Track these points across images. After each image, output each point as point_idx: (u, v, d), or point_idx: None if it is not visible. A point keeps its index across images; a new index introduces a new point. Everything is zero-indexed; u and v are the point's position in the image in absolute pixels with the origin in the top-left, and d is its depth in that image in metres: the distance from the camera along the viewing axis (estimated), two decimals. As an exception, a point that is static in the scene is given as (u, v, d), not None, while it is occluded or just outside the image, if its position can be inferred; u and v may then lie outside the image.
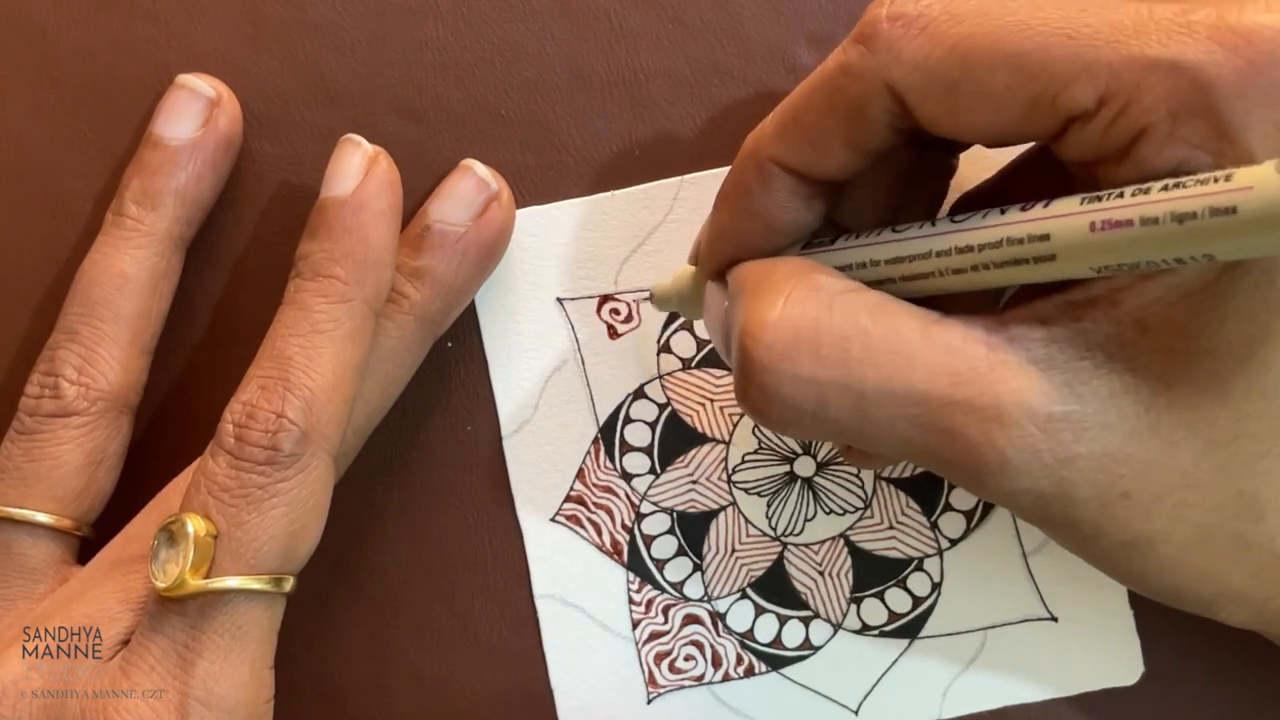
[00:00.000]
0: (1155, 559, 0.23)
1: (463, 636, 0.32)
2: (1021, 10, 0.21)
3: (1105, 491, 0.22)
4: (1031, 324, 0.22)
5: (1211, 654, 0.31)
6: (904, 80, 0.22)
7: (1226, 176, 0.18)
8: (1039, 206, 0.21)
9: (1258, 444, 0.22)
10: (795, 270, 0.23)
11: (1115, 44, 0.20)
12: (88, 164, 0.32)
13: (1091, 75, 0.20)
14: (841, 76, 0.22)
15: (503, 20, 0.31)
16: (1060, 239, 0.20)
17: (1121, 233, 0.19)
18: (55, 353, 0.29)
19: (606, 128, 0.31)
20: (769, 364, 0.22)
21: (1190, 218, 0.18)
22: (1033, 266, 0.21)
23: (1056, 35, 0.20)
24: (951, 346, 0.21)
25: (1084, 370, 0.21)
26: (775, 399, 0.22)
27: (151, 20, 0.31)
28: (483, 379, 0.32)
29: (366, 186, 0.28)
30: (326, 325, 0.27)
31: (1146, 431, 0.21)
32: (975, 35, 0.21)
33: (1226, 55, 0.19)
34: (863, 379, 0.22)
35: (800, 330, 0.22)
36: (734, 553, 0.31)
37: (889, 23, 0.22)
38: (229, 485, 0.26)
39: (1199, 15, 0.19)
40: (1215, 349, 0.21)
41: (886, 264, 0.23)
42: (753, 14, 0.31)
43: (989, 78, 0.21)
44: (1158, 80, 0.19)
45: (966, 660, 0.31)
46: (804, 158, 0.24)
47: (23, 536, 0.28)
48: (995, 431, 0.21)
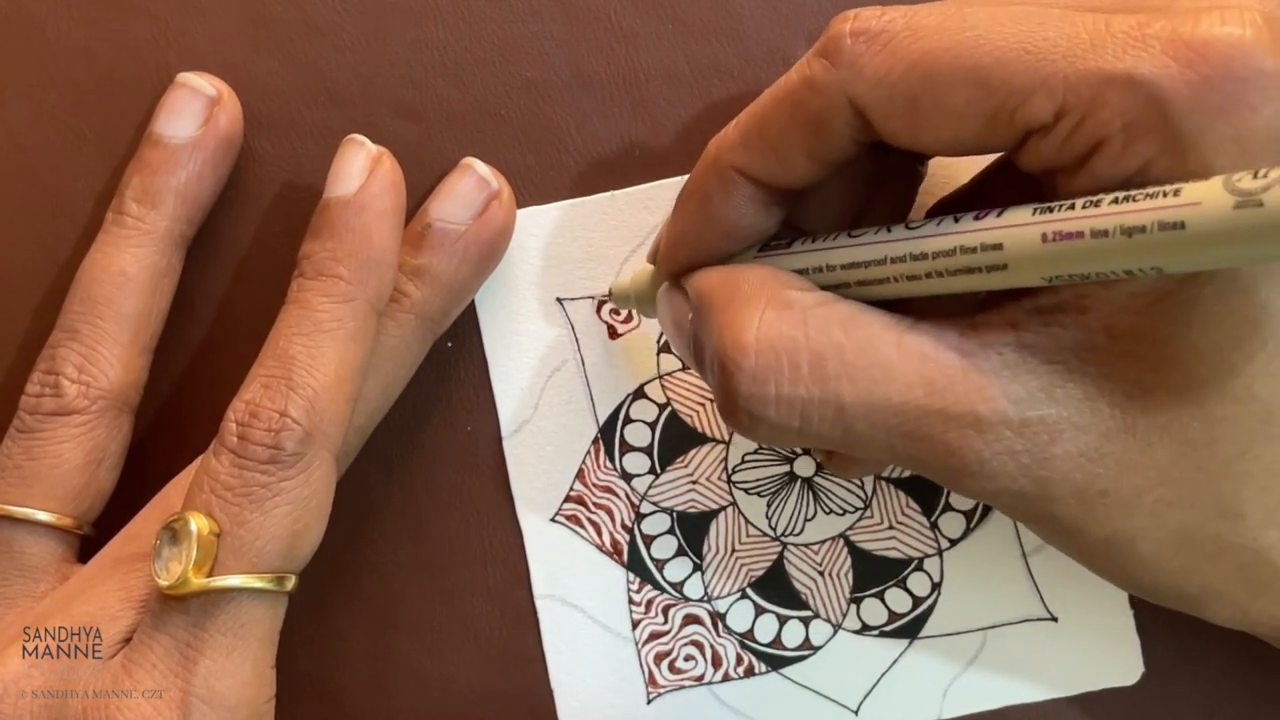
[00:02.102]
0: (1136, 555, 0.23)
1: (463, 636, 0.32)
2: (981, 25, 0.21)
3: (1084, 489, 0.22)
4: (1003, 329, 0.22)
5: (1211, 654, 0.31)
6: (866, 95, 0.22)
7: (1175, 191, 0.18)
8: (992, 216, 0.21)
9: (1234, 446, 0.22)
10: (762, 284, 0.24)
11: (1071, 58, 0.20)
12: (88, 164, 0.32)
13: (1048, 89, 0.20)
14: (804, 90, 0.23)
15: (503, 20, 0.31)
16: (1012, 249, 0.20)
17: (1072, 244, 0.19)
18: (56, 351, 0.29)
19: (606, 128, 0.31)
20: (750, 388, 0.23)
21: (1139, 231, 0.18)
22: (985, 275, 0.21)
23: (1015, 50, 0.20)
24: (925, 355, 0.22)
25: (1056, 374, 0.21)
26: (760, 419, 0.23)
27: (151, 20, 0.31)
28: (483, 379, 0.32)
29: (370, 187, 0.28)
30: (329, 325, 0.27)
31: (1122, 432, 0.22)
32: (936, 51, 0.21)
33: (1181, 69, 0.19)
34: (841, 394, 0.22)
35: (777, 350, 0.22)
36: (734, 553, 0.31)
37: (852, 38, 0.22)
38: (232, 484, 0.26)
39: (1154, 28, 0.19)
40: (1185, 355, 0.21)
41: (842, 269, 0.24)
42: (753, 14, 0.31)
43: (949, 93, 0.21)
44: (1113, 94, 0.19)
45: (966, 660, 0.31)
46: (766, 167, 0.24)
47: (23, 535, 0.28)
48: (972, 437, 0.22)
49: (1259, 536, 0.23)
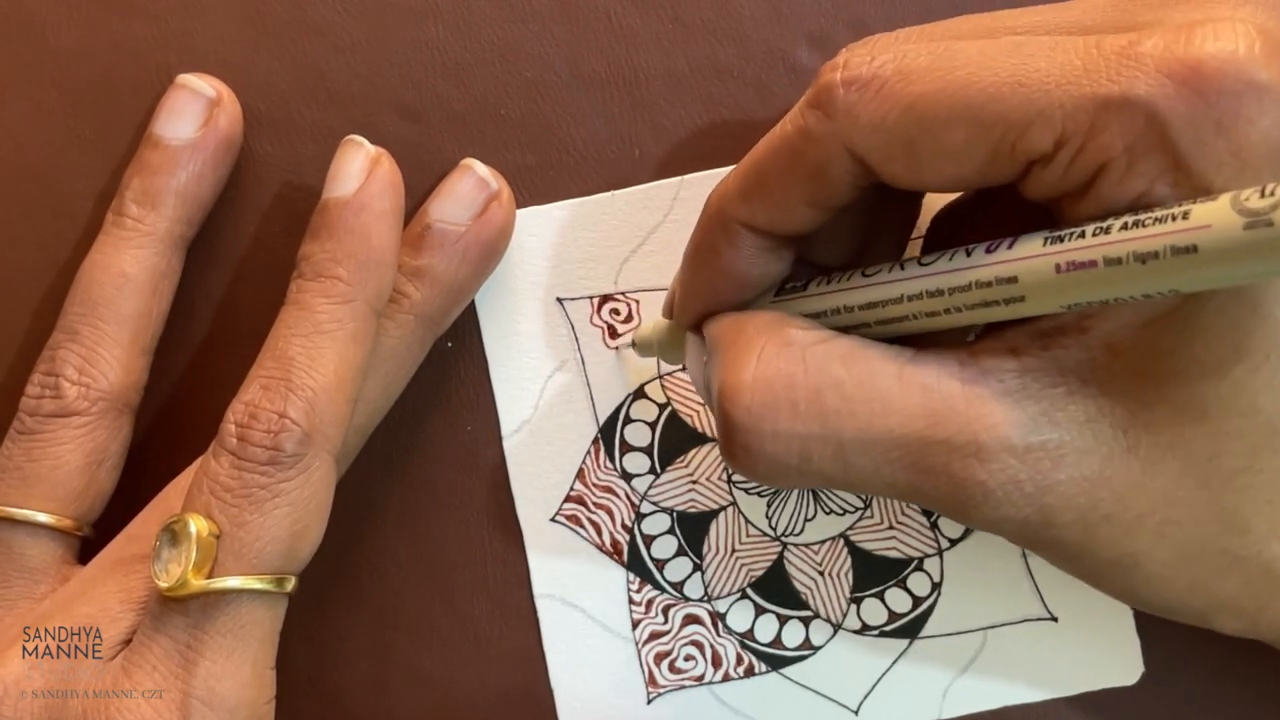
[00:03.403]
0: (1143, 576, 0.23)
1: (463, 636, 0.32)
2: (971, 62, 0.21)
3: (1087, 514, 0.22)
4: (1003, 355, 0.22)
5: (1211, 654, 0.31)
6: (863, 143, 0.22)
7: (1184, 214, 0.18)
8: (1004, 248, 0.21)
9: (1238, 460, 0.22)
10: (765, 325, 0.23)
11: (1066, 85, 0.20)
12: (88, 164, 0.32)
13: (1046, 119, 0.20)
14: (801, 141, 0.22)
15: (503, 20, 0.31)
16: (1027, 281, 0.20)
17: (1087, 273, 0.19)
18: (56, 353, 0.29)
19: (606, 128, 0.31)
20: (748, 424, 0.22)
21: (1152, 257, 0.18)
22: (1004, 307, 0.21)
23: (1008, 84, 0.20)
24: (926, 386, 0.22)
25: (1058, 397, 0.21)
26: (759, 456, 0.23)
27: (151, 20, 0.31)
28: (483, 379, 0.32)
29: (369, 188, 0.28)
30: (329, 326, 0.27)
31: (1125, 453, 0.22)
32: (929, 93, 0.21)
33: (1176, 87, 0.19)
34: (841, 429, 0.22)
35: (775, 387, 0.22)
36: (734, 553, 0.31)
37: (844, 88, 0.22)
38: (231, 485, 0.26)
39: (1146, 47, 0.19)
40: (1187, 369, 0.21)
41: (860, 309, 0.23)
42: (753, 14, 0.31)
43: (946, 134, 0.21)
44: (1111, 118, 0.19)
45: (966, 660, 0.31)
46: (768, 217, 0.24)
47: (23, 536, 0.28)
48: (975, 467, 0.21)
49: (1265, 548, 0.23)
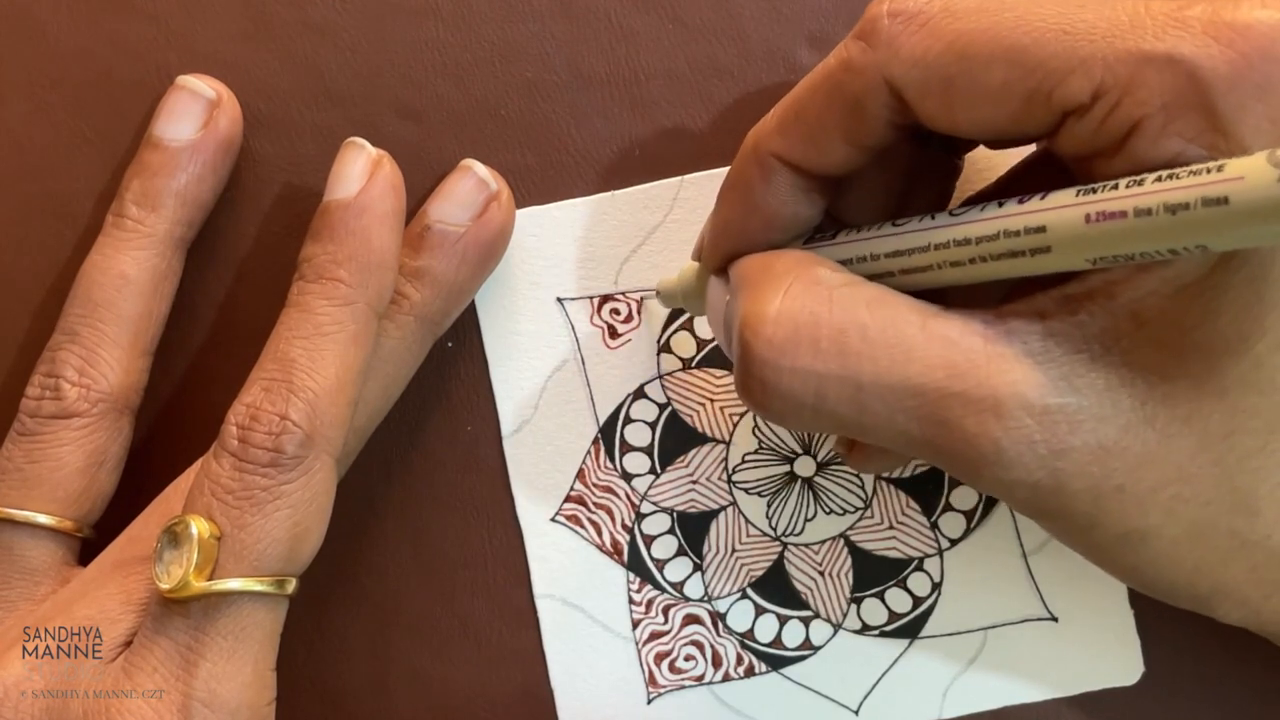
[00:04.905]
0: (1149, 553, 0.23)
1: (463, 636, 0.32)
2: (1019, 6, 0.21)
3: (1099, 484, 0.22)
4: (1030, 317, 0.22)
5: (1211, 654, 0.31)
6: (903, 76, 0.22)
7: (1219, 167, 0.18)
8: (1035, 199, 0.21)
9: (1253, 439, 0.22)
10: (794, 264, 0.24)
11: (1110, 38, 0.20)
12: (88, 164, 0.32)
13: (1086, 69, 0.20)
14: (842, 72, 0.23)
15: (503, 20, 0.31)
16: (1056, 231, 0.20)
17: (1116, 224, 0.19)
18: (56, 354, 0.29)
19: (606, 128, 0.31)
20: (768, 357, 0.22)
21: (1183, 208, 0.18)
22: (1029, 259, 0.21)
23: (1052, 30, 0.20)
24: (949, 339, 0.22)
25: (1080, 363, 0.21)
26: (775, 392, 0.23)
27: (151, 20, 0.31)
28: (483, 379, 0.32)
29: (370, 190, 0.28)
30: (330, 328, 0.27)
31: (1142, 424, 0.22)
32: (973, 31, 0.21)
33: (1221, 49, 0.19)
34: (860, 371, 0.22)
35: (799, 323, 0.22)
36: (734, 553, 0.31)
37: (889, 19, 0.22)
38: (232, 487, 0.26)
39: (1194, 10, 0.19)
40: (1210, 343, 0.21)
41: (886, 257, 0.23)
42: (753, 14, 0.31)
43: (986, 73, 0.21)
44: (1152, 74, 0.19)
45: (966, 660, 0.31)
46: (804, 153, 0.24)
47: (24, 538, 0.28)
48: (991, 423, 0.21)
49: (1274, 534, 0.23)
